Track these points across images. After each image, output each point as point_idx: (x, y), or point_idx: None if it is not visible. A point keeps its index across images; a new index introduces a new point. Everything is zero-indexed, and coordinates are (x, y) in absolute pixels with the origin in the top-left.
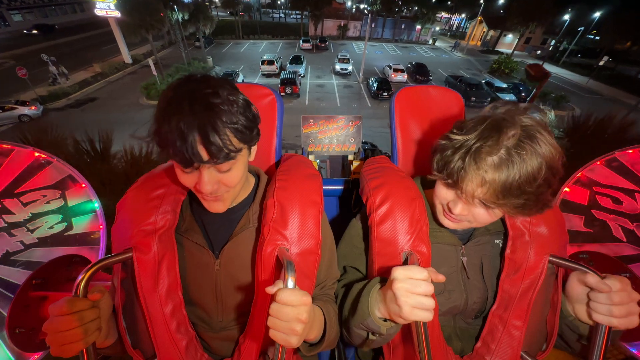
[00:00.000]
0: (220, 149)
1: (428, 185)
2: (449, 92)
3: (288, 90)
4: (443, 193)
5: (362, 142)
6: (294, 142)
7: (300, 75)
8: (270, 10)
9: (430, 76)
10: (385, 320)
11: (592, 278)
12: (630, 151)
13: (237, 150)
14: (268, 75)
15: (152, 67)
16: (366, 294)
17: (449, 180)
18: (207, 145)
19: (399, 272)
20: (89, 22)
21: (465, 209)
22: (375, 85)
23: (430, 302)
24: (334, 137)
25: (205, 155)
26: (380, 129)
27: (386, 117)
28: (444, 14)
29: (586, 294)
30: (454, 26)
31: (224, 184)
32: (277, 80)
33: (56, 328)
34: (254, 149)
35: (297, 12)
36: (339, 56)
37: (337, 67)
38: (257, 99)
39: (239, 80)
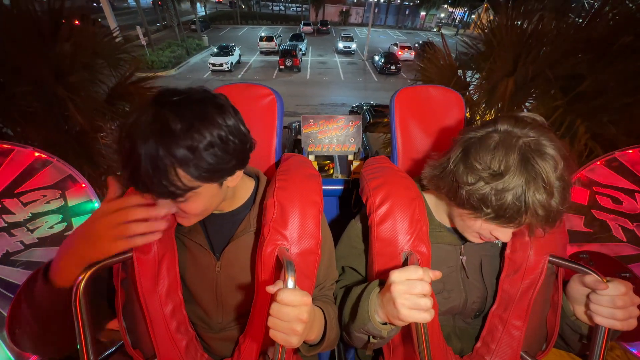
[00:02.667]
0: (162, 186)
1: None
2: (449, 92)
3: (288, 63)
4: (483, 225)
5: (373, 104)
6: (295, 110)
7: (301, 51)
8: (270, 3)
9: None
10: (385, 323)
11: (589, 278)
12: (630, 151)
13: (187, 189)
14: (267, 52)
15: (140, 35)
16: (365, 298)
17: (500, 219)
18: (145, 178)
19: (396, 275)
20: (82, 8)
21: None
22: (381, 60)
23: (427, 303)
24: (334, 137)
25: (143, 188)
26: (387, 101)
27: (393, 90)
28: (447, 7)
29: (586, 295)
30: (457, 20)
31: (183, 210)
32: (277, 58)
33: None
34: (235, 178)
35: (298, 5)
36: (342, 35)
37: (341, 45)
38: (257, 99)
39: (236, 53)
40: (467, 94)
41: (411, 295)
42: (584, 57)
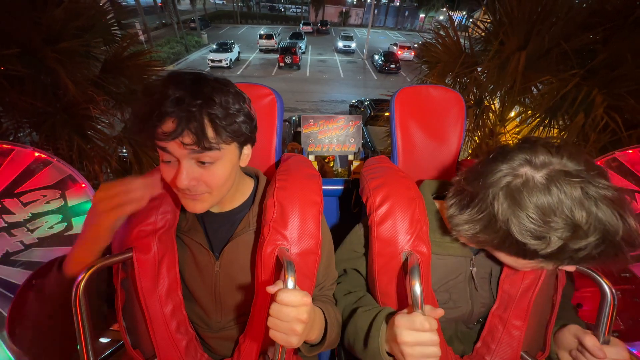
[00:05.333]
0: (193, 131)
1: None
2: (449, 92)
3: (288, 60)
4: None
5: (373, 98)
6: (295, 106)
7: (300, 49)
8: (269, 4)
9: None
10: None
11: (589, 341)
12: (630, 151)
13: (215, 143)
14: (266, 50)
15: (138, 26)
16: (374, 336)
17: (577, 264)
18: (184, 121)
19: (401, 326)
20: None
21: None
22: (381, 58)
23: (434, 351)
24: (334, 137)
25: (171, 126)
26: (387, 97)
27: (392, 88)
28: (446, 10)
29: (576, 348)
30: (455, 22)
31: (205, 182)
32: (276, 56)
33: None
34: (246, 154)
35: (297, 6)
36: (342, 34)
37: (340, 44)
38: (257, 98)
39: (235, 50)
40: (475, 73)
41: (418, 346)
42: (599, 30)
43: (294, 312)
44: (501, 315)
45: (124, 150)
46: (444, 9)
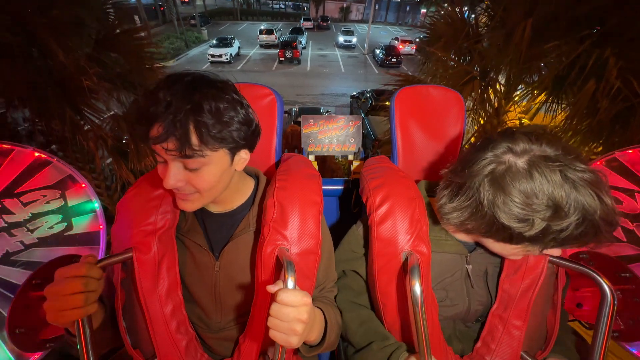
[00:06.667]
0: (177, 137)
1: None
2: (449, 92)
3: (288, 55)
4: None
5: (375, 89)
6: (295, 99)
7: (301, 44)
8: (270, 1)
9: None
10: None
11: None
12: (630, 151)
13: (198, 150)
14: (267, 46)
15: (137, 22)
16: None
17: (563, 246)
18: (168, 127)
19: None
20: None
21: None
22: (382, 52)
23: None
24: (334, 137)
25: (157, 131)
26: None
27: (393, 82)
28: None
29: None
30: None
31: (192, 184)
32: (277, 52)
33: (62, 290)
34: (243, 158)
35: (298, 2)
36: (343, 29)
37: (341, 39)
38: (257, 99)
39: (235, 45)
40: (479, 44)
41: None
42: None
43: (294, 312)
44: (501, 315)
45: (125, 139)
46: (445, 5)
